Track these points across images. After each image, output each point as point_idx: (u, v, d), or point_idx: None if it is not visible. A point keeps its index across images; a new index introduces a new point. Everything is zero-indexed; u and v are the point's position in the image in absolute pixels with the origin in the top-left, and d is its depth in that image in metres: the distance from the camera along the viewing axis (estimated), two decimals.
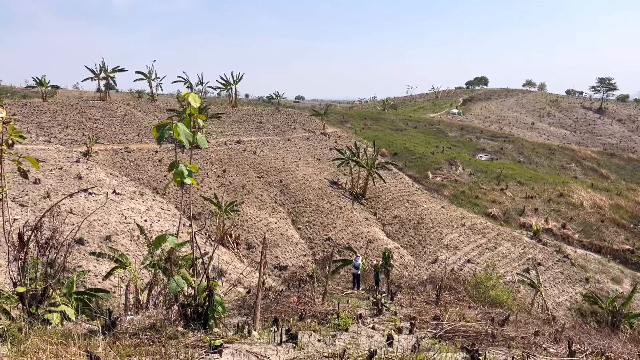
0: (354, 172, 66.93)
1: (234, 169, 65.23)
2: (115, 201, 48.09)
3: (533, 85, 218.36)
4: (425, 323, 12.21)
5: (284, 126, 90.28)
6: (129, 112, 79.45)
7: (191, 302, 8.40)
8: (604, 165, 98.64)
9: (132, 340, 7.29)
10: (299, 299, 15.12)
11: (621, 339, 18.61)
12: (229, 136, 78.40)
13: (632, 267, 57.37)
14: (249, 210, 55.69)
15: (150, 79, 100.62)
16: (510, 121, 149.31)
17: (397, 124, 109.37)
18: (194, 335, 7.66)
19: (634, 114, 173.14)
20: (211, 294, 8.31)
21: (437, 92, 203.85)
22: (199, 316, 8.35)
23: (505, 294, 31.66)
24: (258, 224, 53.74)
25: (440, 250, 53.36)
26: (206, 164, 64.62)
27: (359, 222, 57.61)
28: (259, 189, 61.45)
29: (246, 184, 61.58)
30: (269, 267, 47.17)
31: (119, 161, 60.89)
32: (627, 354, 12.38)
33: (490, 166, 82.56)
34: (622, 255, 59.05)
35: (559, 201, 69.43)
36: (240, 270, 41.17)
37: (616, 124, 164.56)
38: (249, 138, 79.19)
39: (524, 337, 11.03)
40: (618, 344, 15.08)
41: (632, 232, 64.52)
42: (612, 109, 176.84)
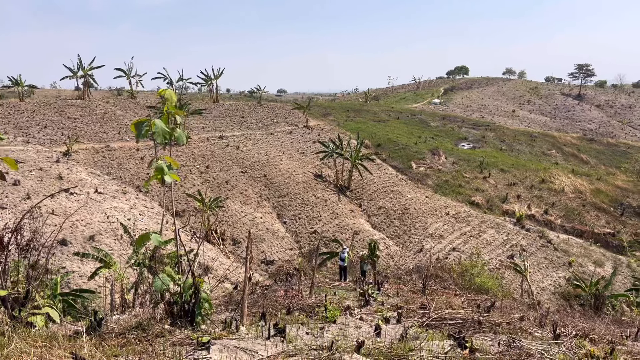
0: (338, 164, 66.99)
1: (217, 165, 64.85)
2: (98, 200, 47.52)
3: (513, 74, 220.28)
4: (412, 312, 12.30)
5: (267, 120, 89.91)
6: (108, 110, 78.39)
7: (177, 299, 8.34)
8: (583, 151, 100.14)
9: (118, 340, 7.22)
10: (287, 293, 15.13)
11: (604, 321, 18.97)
12: (212, 132, 77.85)
13: (613, 250, 58.47)
14: (233, 206, 55.47)
15: (129, 76, 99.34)
16: (491, 109, 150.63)
17: (379, 116, 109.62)
18: (181, 332, 7.61)
19: (612, 100, 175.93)
20: (197, 290, 8.26)
21: (419, 83, 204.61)
22: (185, 313, 8.30)
23: (491, 281, 32.08)
24: (243, 219, 53.57)
25: (425, 240, 53.78)
26: (189, 160, 64.14)
27: (344, 214, 57.76)
28: (243, 184, 61.21)
29: (230, 180, 61.29)
30: (256, 262, 47.11)
31: (100, 160, 60.14)
32: (610, 335, 12.61)
33: (472, 155, 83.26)
34: (604, 238, 60.14)
35: (541, 187, 70.36)
36: (226, 266, 41.05)
37: (595, 109, 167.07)
38: (232, 133, 78.71)
39: (509, 323, 11.17)
40: (601, 325, 15.36)
41: (613, 215, 65.73)
42: (590, 95, 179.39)
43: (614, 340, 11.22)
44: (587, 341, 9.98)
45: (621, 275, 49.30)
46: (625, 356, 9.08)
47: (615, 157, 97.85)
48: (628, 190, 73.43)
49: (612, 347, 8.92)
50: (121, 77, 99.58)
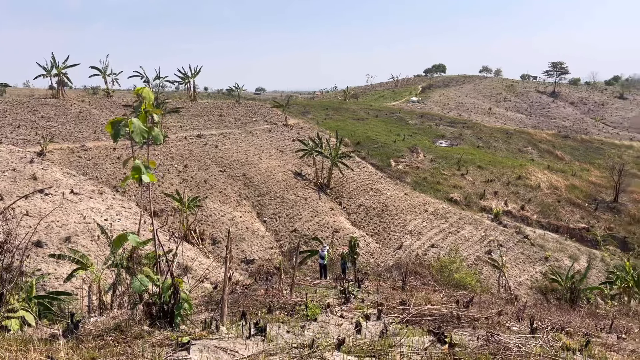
0: (317, 162, 67.02)
1: (195, 164, 64.30)
2: (74, 201, 46.71)
3: (489, 71, 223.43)
4: (392, 308, 12.39)
5: (245, 119, 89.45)
6: (84, 109, 77.07)
7: (156, 300, 8.26)
8: (558, 147, 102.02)
9: (96, 342, 7.11)
10: (267, 292, 15.09)
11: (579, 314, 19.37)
12: (189, 130, 77.14)
13: (588, 244, 59.77)
14: (212, 205, 55.08)
15: (105, 75, 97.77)
16: (468, 107, 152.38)
17: (358, 114, 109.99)
18: (161, 333, 7.54)
19: (585, 97, 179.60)
20: (176, 291, 8.18)
21: (397, 81, 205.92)
22: (165, 314, 8.21)
23: (469, 276, 32.53)
24: (222, 218, 53.25)
25: (404, 237, 54.19)
26: (167, 159, 63.45)
27: (324, 212, 57.83)
28: (222, 183, 60.82)
29: (209, 179, 60.84)
30: (236, 261, 46.88)
31: (76, 160, 59.10)
32: (585, 328, 12.88)
33: (450, 152, 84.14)
34: (578, 233, 61.42)
35: (517, 183, 71.49)
36: (206, 265, 40.77)
37: (569, 106, 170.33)
38: (210, 132, 78.11)
39: (488, 318, 11.33)
40: (577, 318, 15.68)
41: (587, 210, 67.16)
42: (565, 92, 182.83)
43: (589, 333, 11.46)
44: (563, 334, 10.18)
45: (595, 269, 50.42)
46: (600, 348, 9.29)
47: (589, 154, 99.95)
48: (601, 186, 75.08)
49: (587, 339, 9.12)
50: (96, 76, 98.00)
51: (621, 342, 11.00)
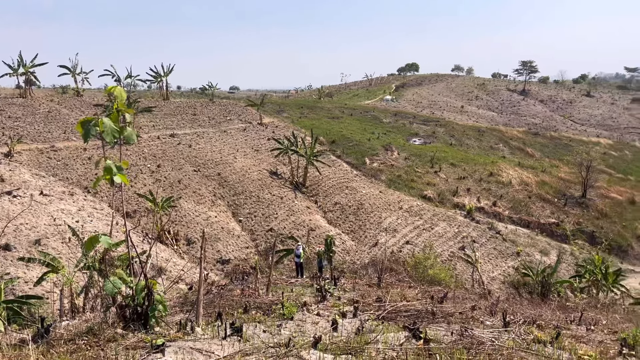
0: (293, 161, 66.94)
1: (169, 164, 63.50)
2: (43, 203, 45.62)
3: (461, 70, 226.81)
4: (368, 306, 12.47)
5: (219, 118, 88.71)
6: (53, 109, 75.30)
7: (130, 302, 8.14)
8: (529, 144, 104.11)
9: (67, 346, 6.99)
10: (243, 292, 15.02)
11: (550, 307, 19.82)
12: (162, 130, 76.13)
13: (558, 239, 61.19)
14: (187, 205, 54.50)
15: (74, 73, 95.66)
16: (441, 105, 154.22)
17: (333, 112, 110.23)
18: (135, 336, 7.44)
19: (554, 95, 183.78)
20: (150, 292, 8.08)
21: (371, 80, 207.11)
22: (138, 316, 8.11)
23: (443, 272, 32.90)
24: (197, 218, 52.73)
25: (380, 234, 54.57)
26: (139, 159, 62.50)
27: (300, 211, 57.81)
28: (197, 183, 60.21)
29: (182, 179, 60.16)
30: (211, 261, 46.50)
31: (45, 161, 57.72)
32: (556, 320, 13.19)
33: (424, 150, 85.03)
34: (549, 228, 62.82)
35: (489, 180, 72.69)
36: (180, 266, 40.33)
37: (539, 104, 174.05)
38: (183, 131, 77.23)
39: (462, 313, 11.51)
40: (548, 312, 16.05)
41: (557, 206, 68.72)
42: (534, 91, 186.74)
43: (560, 325, 11.75)
44: (535, 327, 10.41)
45: (565, 263, 51.63)
46: (570, 340, 9.53)
47: (558, 150, 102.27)
48: (570, 182, 76.91)
49: (558, 331, 9.34)
50: (66, 75, 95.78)
51: (590, 333, 11.29)
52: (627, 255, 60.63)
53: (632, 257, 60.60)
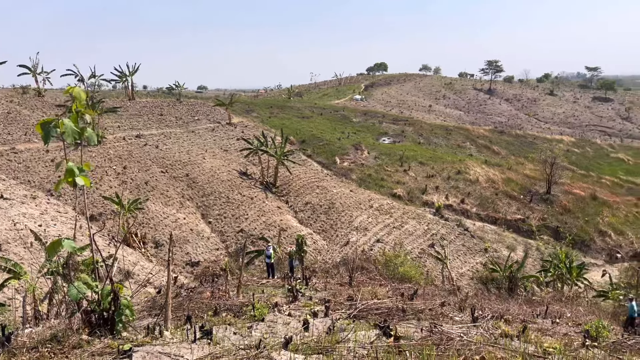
0: (263, 161, 66.60)
1: (135, 165, 62.30)
2: (3, 207, 44.14)
3: (429, 70, 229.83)
4: (339, 305, 12.49)
5: (187, 118, 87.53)
6: (12, 110, 72.94)
7: (95, 307, 7.94)
8: (495, 142, 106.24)
9: (30, 354, 6.77)
10: (213, 294, 14.85)
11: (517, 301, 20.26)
12: (128, 130, 74.64)
13: (524, 234, 62.66)
14: (154, 207, 53.58)
15: (35, 73, 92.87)
16: (409, 105, 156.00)
17: (303, 112, 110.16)
18: (101, 342, 7.26)
19: (519, 94, 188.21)
20: (117, 297, 7.90)
21: (340, 79, 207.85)
22: (105, 322, 7.91)
23: (413, 270, 33.29)
24: (165, 220, 51.91)
25: (351, 233, 54.82)
26: (104, 161, 61.12)
27: (271, 212, 57.56)
28: (164, 185, 59.26)
29: (150, 180, 59.11)
30: (180, 264, 45.86)
31: (5, 163, 55.86)
32: (523, 315, 13.48)
33: (393, 149, 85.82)
34: (515, 224, 64.26)
35: (457, 178, 73.86)
36: (148, 270, 39.62)
37: (504, 103, 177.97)
38: (150, 132, 75.91)
39: (431, 309, 11.65)
40: (515, 306, 16.39)
41: (522, 202, 70.33)
42: (500, 90, 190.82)
43: (526, 319, 12.02)
44: (502, 322, 10.61)
45: (531, 258, 52.91)
46: (536, 333, 9.75)
47: (523, 148, 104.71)
48: (535, 179, 78.81)
49: (524, 325, 9.55)
50: (26, 75, 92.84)
51: (555, 326, 11.58)
52: (590, 249, 62.53)
53: (594, 251, 62.54)
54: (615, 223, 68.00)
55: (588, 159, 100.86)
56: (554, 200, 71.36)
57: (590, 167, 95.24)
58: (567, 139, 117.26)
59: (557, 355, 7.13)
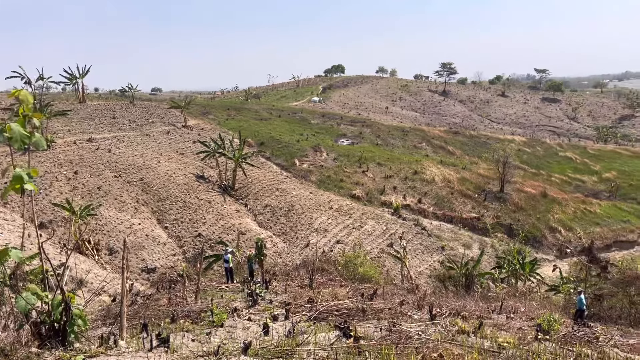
0: (220, 164, 65.79)
1: (87, 170, 60.34)
2: None
3: (385, 72, 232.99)
4: (300, 307, 12.46)
5: (141, 120, 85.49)
6: None
7: (45, 319, 7.64)
8: (450, 143, 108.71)
9: None
10: (170, 301, 14.54)
11: (474, 298, 20.74)
12: (79, 134, 72.26)
13: (479, 232, 64.34)
14: (108, 213, 52.03)
15: None
16: (367, 106, 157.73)
17: (261, 114, 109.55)
18: (52, 354, 7.00)
19: (472, 95, 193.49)
20: (68, 307, 7.62)
21: (298, 81, 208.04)
22: (56, 333, 7.63)
23: (373, 269, 33.60)
24: (119, 226, 50.49)
25: (311, 235, 54.87)
26: (54, 166, 58.93)
27: (229, 215, 56.92)
28: (118, 189, 57.64)
29: (102, 185, 57.38)
30: (136, 271, 44.71)
31: None
32: (479, 311, 13.81)
33: (352, 150, 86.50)
34: (470, 223, 65.91)
35: (414, 178, 75.13)
36: (102, 277, 38.44)
37: (458, 104, 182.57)
38: (102, 135, 73.73)
39: (391, 308, 11.78)
40: (471, 303, 16.77)
41: (477, 201, 72.20)
42: (454, 92, 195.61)
43: (482, 315, 12.32)
44: (460, 318, 10.84)
45: (486, 255, 54.33)
46: (492, 328, 10.00)
47: (477, 148, 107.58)
48: (489, 178, 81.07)
49: (481, 321, 9.79)
50: None
51: (510, 321, 11.93)
52: (542, 245, 64.83)
53: (545, 247, 64.87)
54: (565, 219, 70.80)
55: (538, 158, 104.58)
56: (507, 198, 73.59)
57: (541, 165, 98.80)
58: (518, 138, 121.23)
59: (511, 350, 7.34)
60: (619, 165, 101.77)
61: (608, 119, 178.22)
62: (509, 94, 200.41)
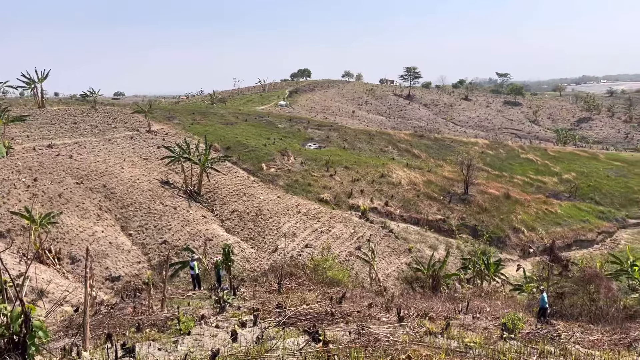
0: (186, 169, 64.86)
1: (47, 177, 58.53)
2: None
3: (351, 76, 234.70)
4: (268, 313, 12.38)
5: (103, 126, 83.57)
6: None
7: (4, 331, 7.37)
8: (415, 146, 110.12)
9: None
10: (135, 309, 14.23)
11: (440, 299, 21.04)
12: (38, 140, 70.07)
13: (445, 234, 65.41)
14: (69, 221, 50.57)
15: None
16: (333, 110, 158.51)
17: (227, 118, 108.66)
18: None
19: (436, 99, 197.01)
20: (28, 319, 7.37)
21: (264, 85, 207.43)
22: (15, 346, 7.38)
23: (342, 273, 33.68)
24: (82, 234, 49.12)
25: (279, 239, 54.65)
26: (12, 173, 56.93)
27: (196, 221, 56.14)
28: (80, 197, 56.11)
29: (63, 192, 55.75)
30: (100, 279, 43.56)
31: None
32: (446, 311, 14.01)
33: (319, 154, 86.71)
34: (436, 224, 66.95)
35: (381, 181, 75.85)
36: (64, 287, 37.32)
37: (423, 108, 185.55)
38: (63, 141, 71.71)
39: (359, 311, 11.83)
40: (438, 303, 17.01)
41: (442, 203, 73.41)
42: (418, 95, 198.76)
43: (449, 316, 12.51)
44: (427, 319, 10.98)
45: (452, 256, 55.27)
46: (459, 329, 10.16)
47: (441, 151, 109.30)
48: (453, 180, 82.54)
49: (447, 322, 9.93)
50: None
51: (476, 321, 12.14)
52: (506, 245, 66.38)
53: (509, 247, 66.45)
54: (527, 220, 72.72)
55: (501, 160, 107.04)
56: (471, 200, 75.07)
57: (503, 167, 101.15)
58: (481, 141, 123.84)
59: (477, 349, 7.47)
60: (578, 166, 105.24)
61: (567, 121, 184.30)
62: (472, 97, 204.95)
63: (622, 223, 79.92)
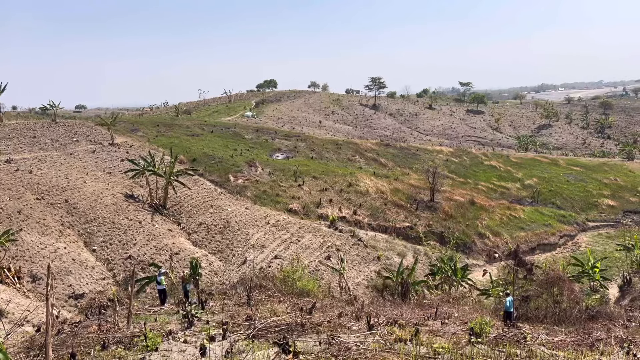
0: (151, 182, 63.69)
1: (5, 193, 56.57)
2: None
3: (317, 87, 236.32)
4: (238, 326, 12.23)
5: (65, 139, 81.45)
6: None
7: None
8: (382, 155, 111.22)
9: None
10: (100, 327, 13.82)
11: (410, 306, 21.20)
12: None
13: (412, 241, 66.05)
14: (30, 238, 48.92)
15: None
16: (300, 121, 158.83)
17: (193, 129, 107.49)
18: None
19: (401, 108, 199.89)
20: None
21: (230, 96, 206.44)
22: None
23: (311, 283, 33.58)
24: (43, 251, 47.56)
25: (248, 251, 54.14)
26: None
27: (162, 235, 55.11)
28: (40, 212, 54.39)
29: (23, 209, 53.96)
30: (63, 297, 42.20)
31: None
32: (415, 318, 14.12)
33: (287, 164, 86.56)
34: (404, 232, 67.57)
35: (349, 190, 76.19)
36: (25, 307, 35.96)
37: (388, 117, 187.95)
38: (22, 156, 69.50)
39: (330, 321, 11.80)
40: (408, 310, 17.13)
41: (409, 211, 74.19)
42: (384, 105, 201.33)
43: (418, 322, 12.61)
44: (397, 327, 11.04)
45: (420, 263, 55.82)
46: (428, 335, 10.25)
47: (407, 159, 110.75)
48: (420, 188, 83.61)
49: (417, 329, 10.01)
50: None
51: (445, 327, 12.27)
52: (472, 251, 67.47)
53: (475, 252, 67.57)
54: (492, 225, 74.18)
55: (465, 168, 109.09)
56: (437, 207, 76.14)
57: (468, 174, 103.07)
58: (446, 149, 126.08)
59: (446, 355, 7.56)
60: (539, 172, 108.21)
61: (528, 128, 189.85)
62: (436, 106, 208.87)
63: (582, 226, 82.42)
